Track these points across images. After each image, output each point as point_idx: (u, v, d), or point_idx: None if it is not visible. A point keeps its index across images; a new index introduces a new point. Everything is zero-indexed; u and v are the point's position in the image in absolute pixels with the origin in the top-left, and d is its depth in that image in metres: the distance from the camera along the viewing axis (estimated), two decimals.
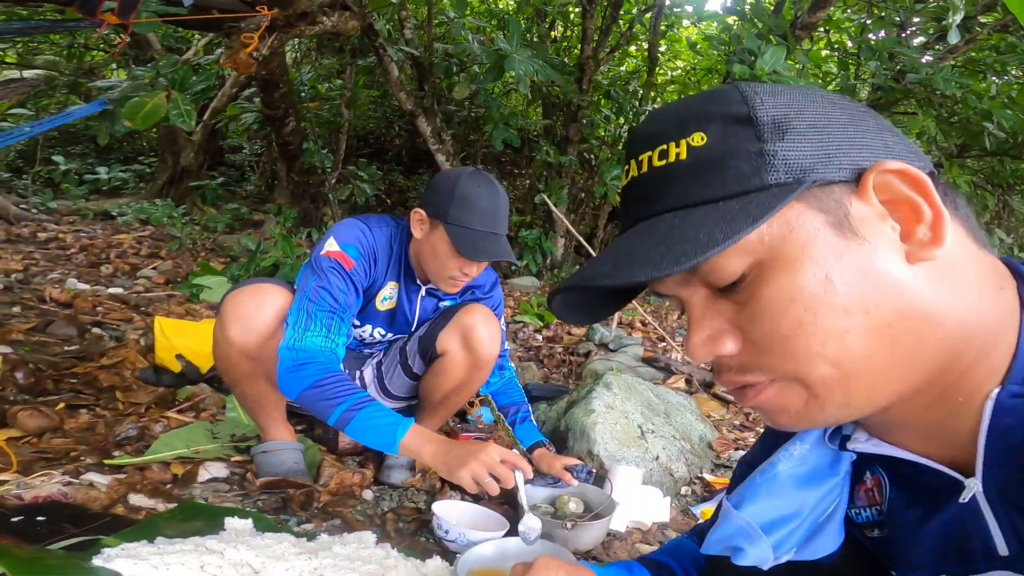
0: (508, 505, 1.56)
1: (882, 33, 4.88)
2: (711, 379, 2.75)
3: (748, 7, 3.90)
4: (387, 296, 1.60)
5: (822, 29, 4.90)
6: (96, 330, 2.42)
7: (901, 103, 4.56)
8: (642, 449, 1.84)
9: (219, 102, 5.63)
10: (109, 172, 6.73)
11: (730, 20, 4.10)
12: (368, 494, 1.54)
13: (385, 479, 1.61)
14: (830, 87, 5.37)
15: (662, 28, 5.24)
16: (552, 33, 5.68)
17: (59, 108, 5.78)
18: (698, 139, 0.49)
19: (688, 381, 2.74)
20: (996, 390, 0.47)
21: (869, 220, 0.47)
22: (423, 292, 1.64)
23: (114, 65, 6.17)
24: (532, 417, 1.80)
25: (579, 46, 4.81)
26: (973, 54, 4.39)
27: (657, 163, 0.50)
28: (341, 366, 1.41)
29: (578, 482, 1.57)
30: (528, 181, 5.71)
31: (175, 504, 1.29)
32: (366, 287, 1.54)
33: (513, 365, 1.88)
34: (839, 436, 0.62)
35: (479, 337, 1.60)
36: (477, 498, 1.59)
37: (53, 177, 6.44)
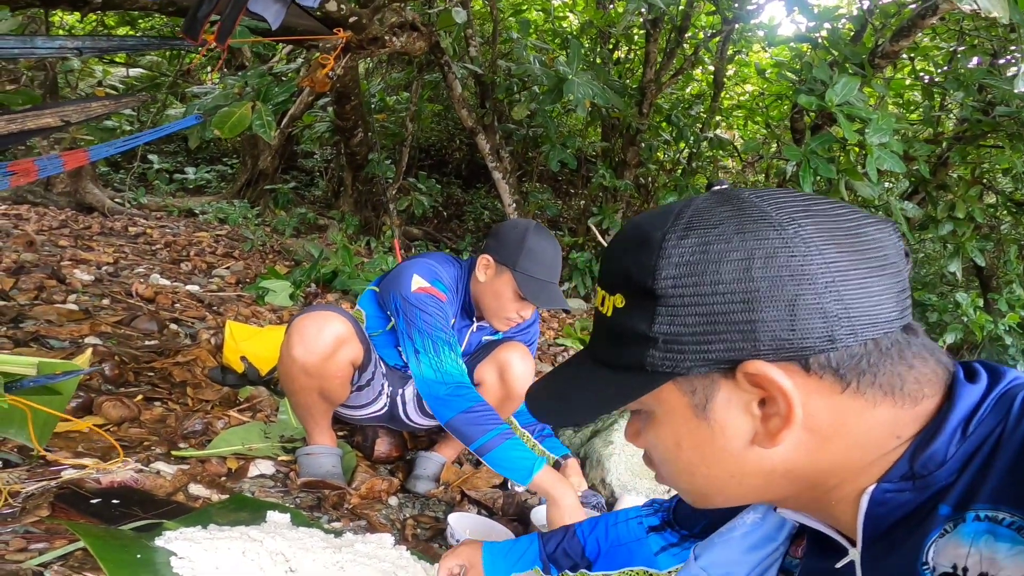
0: (519, 522, 1.71)
1: (974, 61, 4.71)
2: None
3: (823, 34, 3.88)
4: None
5: (907, 56, 4.78)
6: (173, 326, 2.73)
7: (989, 136, 4.39)
8: (652, 481, 1.95)
9: (296, 109, 6.02)
10: (196, 172, 7.32)
11: (804, 48, 4.07)
12: (393, 500, 1.73)
13: (411, 488, 1.80)
14: (912, 116, 5.20)
15: (730, 53, 5.23)
16: (615, 54, 5.75)
17: (159, 108, 6.34)
18: (619, 300, 0.56)
19: None
20: (871, 488, 0.55)
21: (732, 403, 0.54)
22: (473, 328, 1.84)
23: (208, 68, 6.70)
24: (554, 435, 1.97)
25: (641, 69, 4.88)
26: None
27: (601, 307, 0.60)
28: (467, 386, 1.55)
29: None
30: (583, 202, 5.78)
31: (227, 496, 1.52)
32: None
33: None
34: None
35: (514, 373, 1.79)
36: (492, 513, 1.76)
37: (147, 174, 7.05)
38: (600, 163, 4.92)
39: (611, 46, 5.53)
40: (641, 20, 4.62)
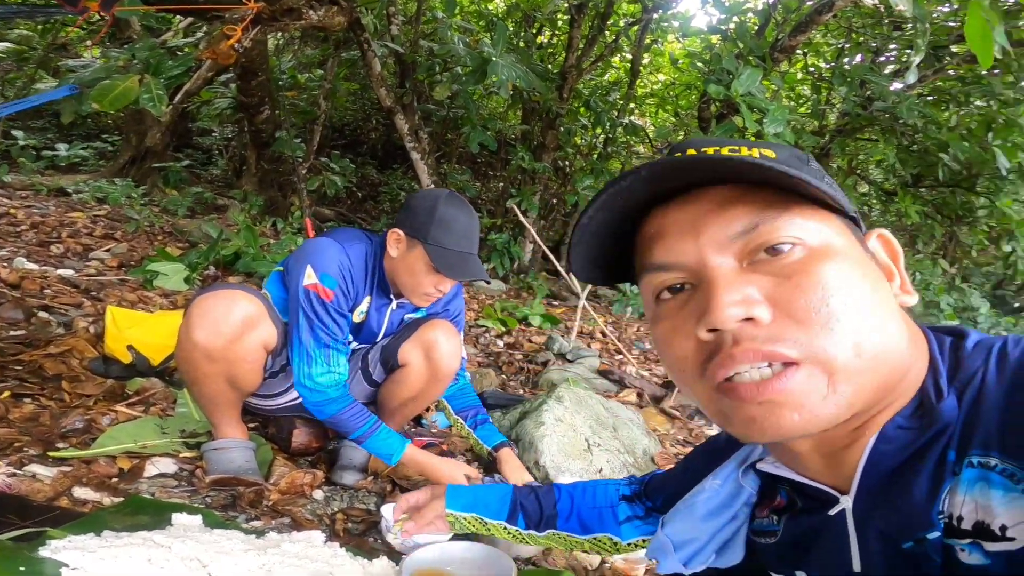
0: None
1: (857, 59, 5.08)
2: (661, 395, 2.87)
3: (732, 27, 4.03)
4: (362, 311, 1.67)
5: (800, 52, 5.08)
6: (43, 314, 2.40)
7: (866, 130, 4.75)
8: (587, 462, 1.92)
9: (193, 85, 5.55)
10: (69, 149, 6.57)
11: (713, 39, 4.22)
12: (319, 494, 1.59)
13: (337, 480, 1.66)
14: (801, 109, 5.55)
15: (647, 42, 5.36)
16: (539, 39, 5.75)
17: (27, 83, 5.61)
18: (769, 153, 0.57)
19: (639, 395, 2.84)
20: (885, 422, 0.57)
21: (872, 262, 0.58)
22: (393, 306, 1.71)
23: (88, 42, 6.03)
24: (491, 419, 1.87)
25: (564, 54, 4.89)
26: (940, 83, 4.59)
27: (727, 152, 0.55)
28: (346, 387, 1.59)
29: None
30: (501, 184, 5.77)
31: (121, 498, 1.32)
32: (350, 307, 1.61)
33: (468, 372, 1.96)
34: (751, 464, 0.77)
35: (440, 352, 1.69)
36: None
37: (11, 151, 6.25)
38: (519, 146, 4.89)
39: (535, 30, 5.53)
40: (566, 5, 4.62)
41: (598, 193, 0.58)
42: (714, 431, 2.68)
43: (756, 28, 4.52)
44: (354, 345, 1.75)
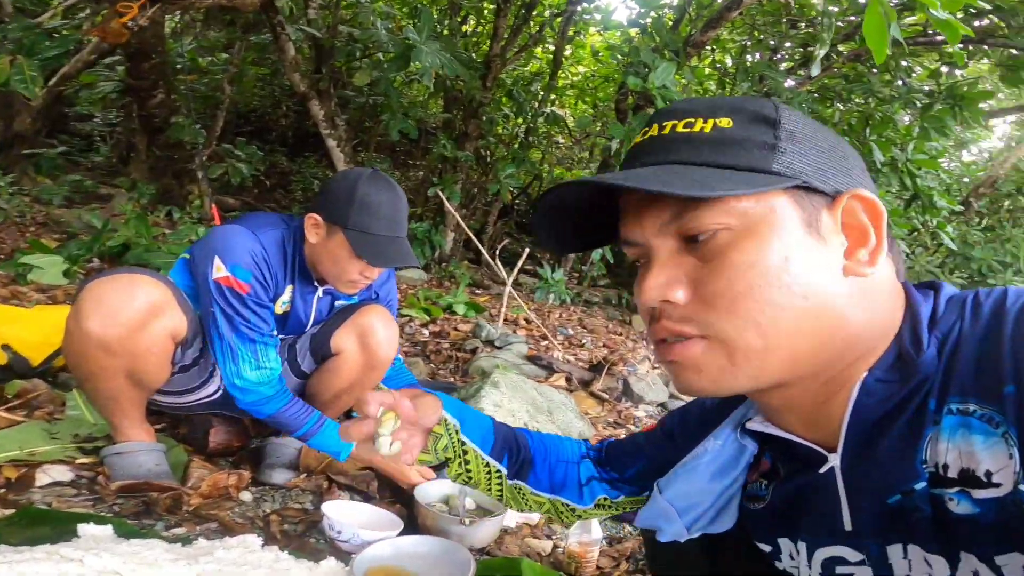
0: (402, 505, 1.53)
1: (758, 55, 5.37)
2: (589, 378, 2.90)
3: (650, 21, 4.14)
4: (285, 301, 1.54)
5: (709, 48, 5.31)
6: None
7: None
8: None
9: (72, 67, 4.99)
10: None
11: (632, 33, 4.32)
12: (247, 496, 1.45)
13: (266, 479, 1.53)
14: None
15: (570, 33, 5.40)
16: (464, 27, 5.67)
17: None
18: (725, 122, 0.59)
19: (568, 379, 2.87)
20: (864, 375, 0.59)
21: (830, 230, 0.57)
22: (319, 293, 1.59)
23: None
24: None
25: (488, 43, 4.85)
26: (827, 81, 4.94)
27: (681, 129, 0.59)
28: (283, 382, 1.48)
29: None
30: (422, 173, 5.65)
31: (13, 510, 1.13)
32: (271, 298, 1.48)
33: (401, 356, 1.87)
34: (743, 424, 0.75)
35: (377, 339, 1.59)
36: (368, 497, 1.55)
37: None
38: (441, 134, 4.80)
39: (460, 18, 5.44)
40: None
41: (549, 190, 0.62)
42: (640, 413, 2.75)
43: (672, 23, 4.67)
44: (280, 336, 1.62)
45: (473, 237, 3.71)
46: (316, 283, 1.55)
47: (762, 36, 5.10)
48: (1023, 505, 0.51)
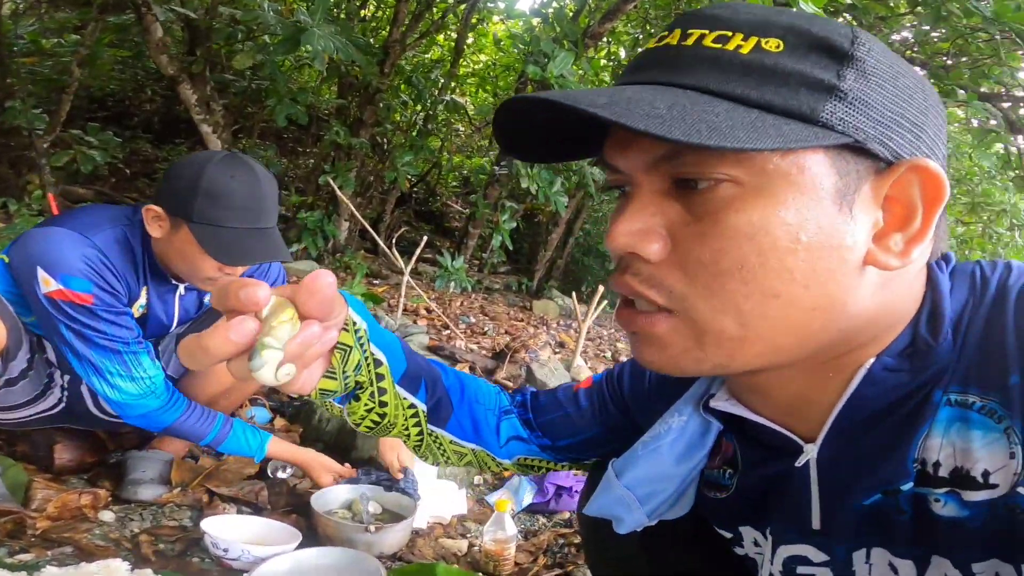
0: (299, 515, 1.44)
1: None
2: (493, 366, 2.90)
3: (552, 11, 4.18)
4: (141, 304, 1.40)
5: (605, 39, 5.44)
6: None
7: None
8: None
9: None
10: None
11: (535, 22, 4.34)
12: (108, 515, 1.33)
13: (131, 496, 1.40)
14: None
15: (473, 21, 5.35)
16: (362, 12, 5.45)
17: None
18: (773, 43, 0.45)
19: (471, 368, 2.86)
20: (871, 360, 0.49)
21: (866, 206, 0.46)
22: (181, 290, 1.45)
23: None
24: None
25: (388, 28, 4.70)
26: None
27: (710, 43, 0.46)
28: (171, 389, 1.37)
29: (403, 476, 1.56)
30: (312, 161, 5.41)
31: None
32: (124, 303, 1.32)
33: None
34: (705, 401, 0.65)
35: None
36: (259, 509, 1.45)
37: None
38: (334, 121, 4.60)
39: (359, 2, 5.22)
40: None
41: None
42: None
43: (572, 14, 4.75)
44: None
45: (368, 227, 3.59)
46: (174, 280, 1.41)
47: (653, 30, 5.30)
48: (1016, 510, 0.45)
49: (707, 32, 0.47)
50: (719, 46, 0.46)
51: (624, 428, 0.76)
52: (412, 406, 0.69)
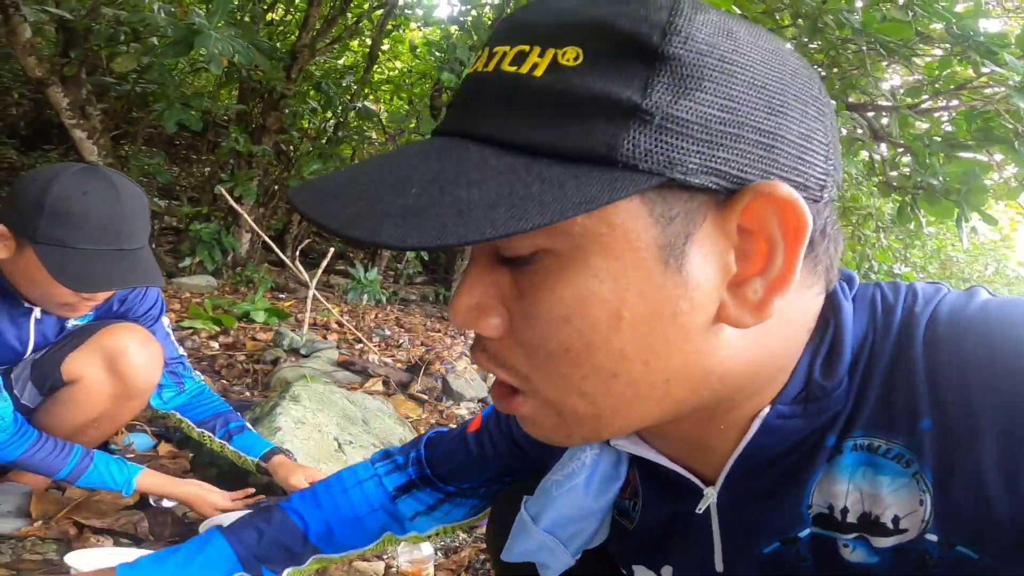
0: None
1: None
2: (407, 380, 2.87)
3: (470, 19, 4.20)
4: None
5: None
6: None
7: None
8: (341, 463, 1.80)
9: None
10: None
11: (452, 29, 4.35)
12: None
13: None
14: None
15: (389, 27, 5.30)
16: (269, 15, 5.28)
17: None
18: (571, 56, 0.37)
19: (385, 383, 2.80)
20: (767, 410, 0.46)
21: (708, 252, 0.39)
22: (37, 314, 1.33)
23: None
24: (247, 424, 1.59)
25: (297, 32, 4.56)
26: None
27: (507, 67, 0.39)
28: (20, 420, 1.25)
29: None
30: (208, 169, 5.15)
31: None
32: None
33: (199, 374, 1.66)
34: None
35: (131, 363, 1.38)
36: (138, 540, 1.34)
37: None
38: (233, 127, 4.41)
39: (266, 6, 5.04)
40: None
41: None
42: (462, 411, 2.74)
43: (490, 22, 4.81)
44: None
45: (266, 238, 3.46)
46: (27, 304, 1.29)
47: None
48: (926, 556, 0.43)
49: (508, 49, 0.39)
50: (514, 69, 0.39)
51: (521, 462, 0.76)
52: None
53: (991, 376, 0.40)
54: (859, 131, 3.72)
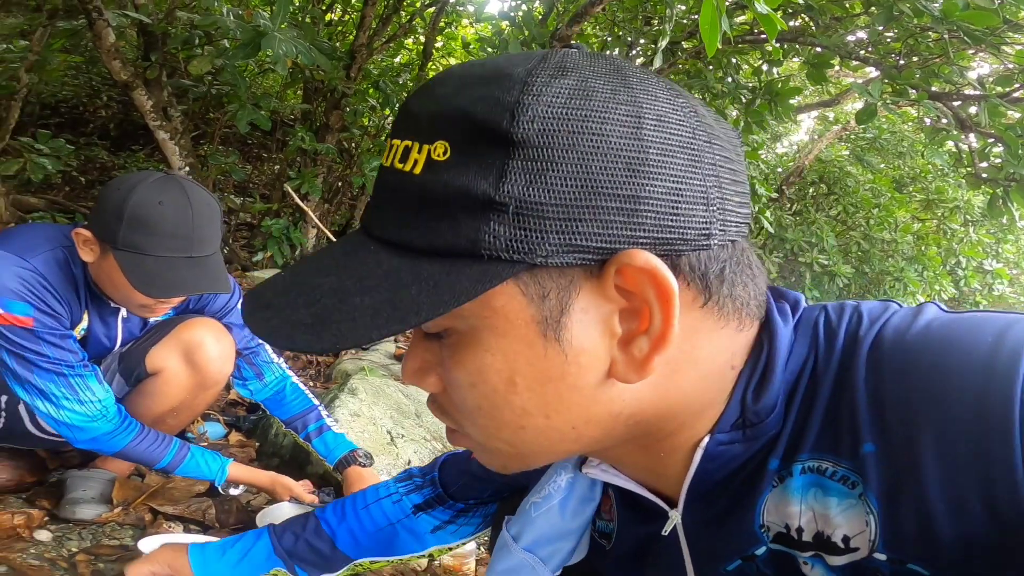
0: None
1: (616, 51, 5.64)
2: None
3: (520, 14, 4.21)
4: (83, 328, 1.39)
5: (574, 42, 5.50)
6: None
7: None
8: (392, 456, 1.87)
9: None
10: None
11: (503, 25, 4.37)
12: (44, 535, 1.33)
13: (69, 516, 1.40)
14: None
15: (441, 24, 5.37)
16: (328, 16, 5.44)
17: None
18: (441, 151, 0.40)
19: None
20: (706, 439, 0.49)
21: (590, 318, 0.42)
22: (124, 313, 1.45)
23: None
24: (328, 421, 1.68)
25: (355, 32, 4.69)
26: (672, 76, 5.30)
27: (397, 164, 0.43)
28: (123, 412, 1.37)
29: None
30: (277, 167, 5.38)
31: None
32: (68, 326, 1.32)
33: (283, 366, 1.72)
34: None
35: (207, 355, 1.48)
36: (206, 527, 1.45)
37: None
38: (299, 126, 4.58)
39: (324, 6, 5.21)
40: None
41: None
42: None
43: (540, 16, 4.78)
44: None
45: (330, 235, 3.59)
46: (114, 303, 1.40)
47: (621, 32, 5.36)
48: (878, 573, 0.45)
49: (399, 143, 0.44)
50: (402, 167, 0.42)
51: (511, 479, 0.83)
52: None
53: (930, 399, 0.41)
54: (943, 121, 3.51)
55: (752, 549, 0.51)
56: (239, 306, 0.43)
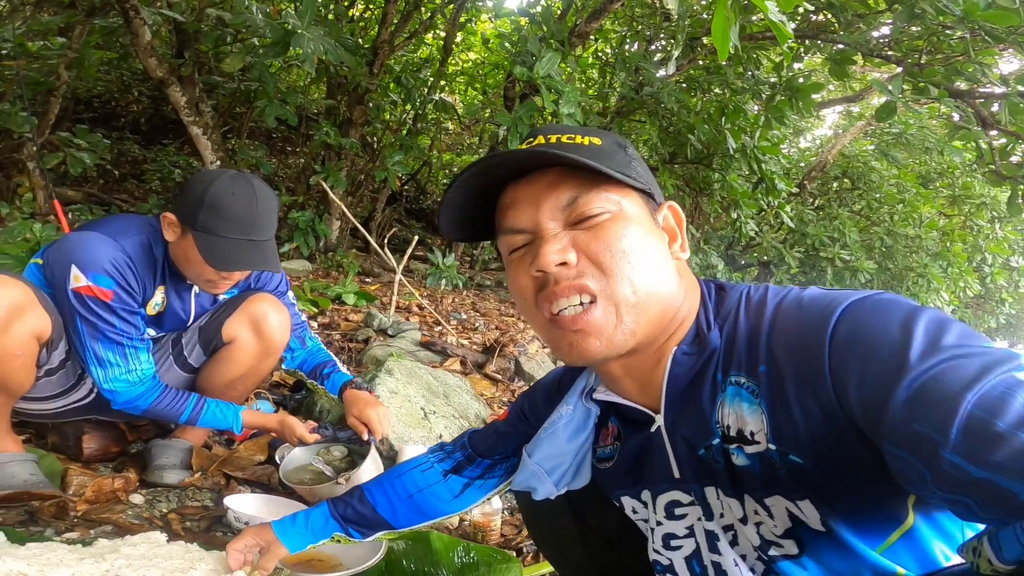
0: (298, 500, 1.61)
1: (635, 46, 5.74)
2: (483, 360, 3.09)
3: (539, 10, 4.33)
4: (156, 303, 1.56)
5: (593, 37, 5.59)
6: None
7: (637, 112, 5.42)
8: (426, 429, 2.03)
9: None
10: None
11: (522, 21, 4.49)
12: (137, 498, 1.49)
13: (156, 480, 1.57)
14: (590, 92, 6.15)
15: (461, 20, 5.49)
16: (350, 12, 5.57)
17: None
18: (596, 140, 0.78)
19: (463, 363, 3.03)
20: (674, 349, 0.76)
21: (658, 227, 0.79)
22: (196, 289, 1.62)
23: None
24: (340, 368, 1.87)
25: (376, 28, 4.82)
26: (692, 72, 5.39)
27: (565, 140, 0.78)
28: (156, 378, 1.52)
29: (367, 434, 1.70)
30: (303, 160, 5.53)
31: None
32: (139, 303, 1.49)
33: (316, 335, 1.95)
34: (588, 392, 0.92)
35: (270, 325, 1.66)
36: (268, 489, 1.62)
37: None
38: (323, 121, 4.73)
39: (347, 3, 5.33)
40: None
41: (461, 172, 0.76)
42: None
43: (559, 13, 4.89)
44: (152, 334, 1.64)
45: (359, 225, 3.74)
46: (188, 280, 1.58)
47: (639, 27, 5.45)
48: (774, 460, 0.68)
49: (561, 135, 0.79)
50: (571, 141, 0.78)
51: (526, 427, 1.05)
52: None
53: (793, 337, 0.68)
54: (956, 117, 3.60)
55: (710, 440, 0.74)
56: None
